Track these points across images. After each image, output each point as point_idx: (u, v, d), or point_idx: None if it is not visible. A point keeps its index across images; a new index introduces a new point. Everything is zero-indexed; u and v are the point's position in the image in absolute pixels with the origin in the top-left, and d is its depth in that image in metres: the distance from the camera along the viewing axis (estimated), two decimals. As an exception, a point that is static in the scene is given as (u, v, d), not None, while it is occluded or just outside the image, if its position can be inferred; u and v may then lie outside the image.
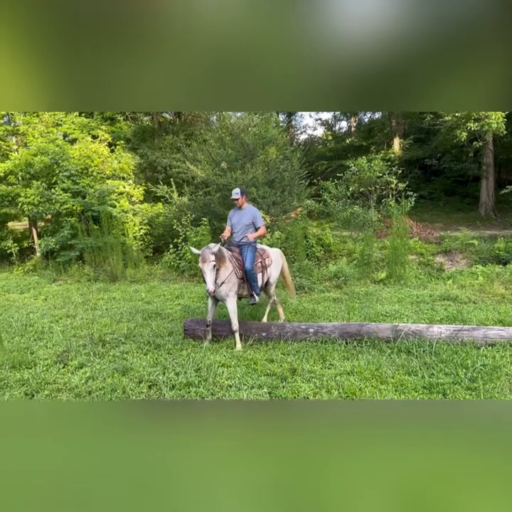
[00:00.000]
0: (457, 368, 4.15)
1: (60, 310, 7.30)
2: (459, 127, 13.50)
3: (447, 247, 10.27)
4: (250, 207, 5.77)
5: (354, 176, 11.55)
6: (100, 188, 11.41)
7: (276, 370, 4.39)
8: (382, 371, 4.23)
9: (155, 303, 7.58)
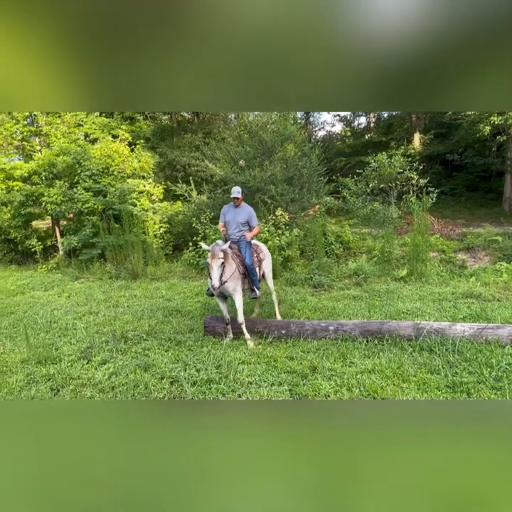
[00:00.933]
0: (481, 366, 4.08)
1: (83, 307, 7.44)
2: (481, 121, 13.19)
3: (470, 243, 10.06)
4: (246, 206, 5.86)
5: (374, 173, 11.41)
6: (121, 187, 11.57)
7: (296, 368, 4.39)
8: (404, 369, 4.18)
9: (175, 300, 7.66)
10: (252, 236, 5.71)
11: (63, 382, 4.38)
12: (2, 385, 4.36)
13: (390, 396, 3.71)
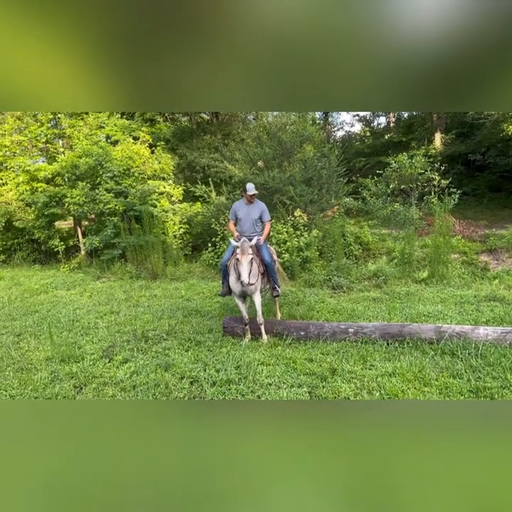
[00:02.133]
0: (506, 371, 4.00)
1: (104, 306, 7.57)
2: (505, 121, 12.91)
3: (492, 245, 9.86)
4: (258, 201, 5.80)
5: (394, 173, 11.28)
6: (141, 189, 11.73)
7: (315, 370, 4.38)
8: (426, 373, 4.13)
9: (194, 300, 7.73)
10: (266, 237, 5.69)
11: (86, 380, 4.47)
12: (27, 382, 4.48)
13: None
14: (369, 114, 30.01)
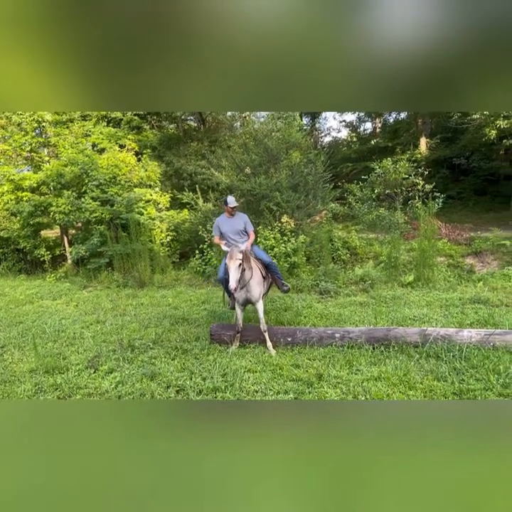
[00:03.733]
0: (489, 373, 4.04)
1: (90, 316, 7.50)
2: (487, 125, 13.15)
3: (477, 248, 9.99)
4: (240, 213, 5.86)
5: (379, 178, 11.41)
6: (128, 196, 11.68)
7: (302, 376, 4.38)
8: (411, 377, 4.16)
9: (182, 308, 7.69)
10: (250, 244, 5.65)
11: (70, 391, 4.41)
12: (11, 394, 4.40)
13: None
14: (355, 119, 30.39)
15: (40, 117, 12.88)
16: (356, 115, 29.77)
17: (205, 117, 18.09)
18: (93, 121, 14.95)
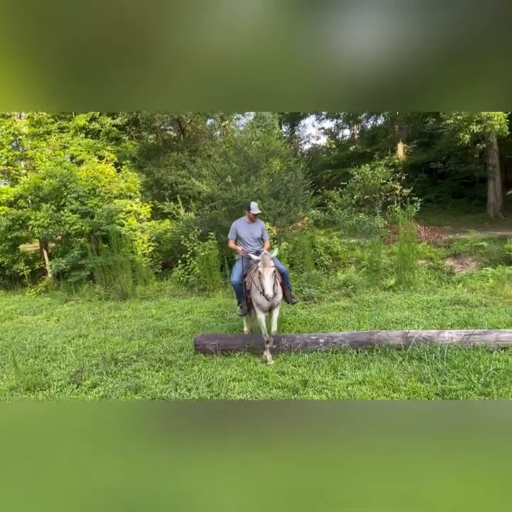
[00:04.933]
0: (470, 373, 4.11)
1: (72, 330, 7.37)
2: (461, 130, 13.49)
3: (456, 250, 10.19)
4: (259, 220, 5.81)
5: (358, 184, 11.58)
6: (108, 208, 11.57)
7: (287, 383, 4.38)
8: (394, 379, 4.20)
9: (165, 319, 7.62)
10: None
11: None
12: (-10, 414, 4.29)
13: (380, 407, 3.71)
14: (334, 127, 30.80)
15: (16, 130, 12.72)
16: (334, 122, 30.19)
17: (185, 127, 18.10)
18: (71, 133, 14.81)
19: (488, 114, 12.02)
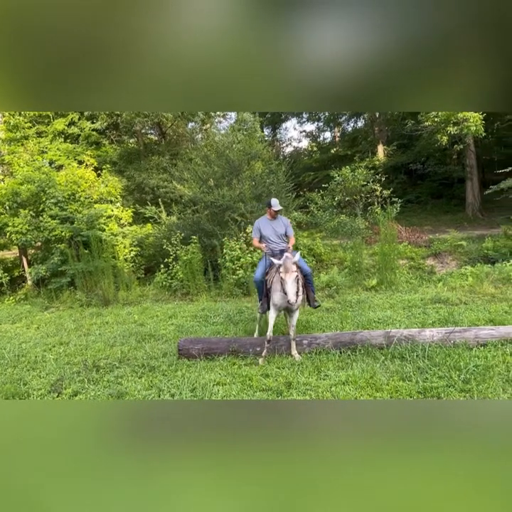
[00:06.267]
0: (450, 370, 4.17)
1: (52, 338, 7.23)
2: (439, 132, 13.74)
3: (437, 249, 10.37)
4: (281, 216, 5.74)
5: (339, 186, 11.68)
6: (88, 213, 11.42)
7: (271, 385, 4.37)
8: (377, 379, 4.23)
9: (148, 324, 7.54)
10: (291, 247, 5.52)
11: (32, 418, 4.22)
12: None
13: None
14: (315, 129, 31.04)
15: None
16: (316, 125, 30.44)
17: (166, 130, 18.01)
18: (49, 138, 14.60)
19: (464, 115, 12.27)
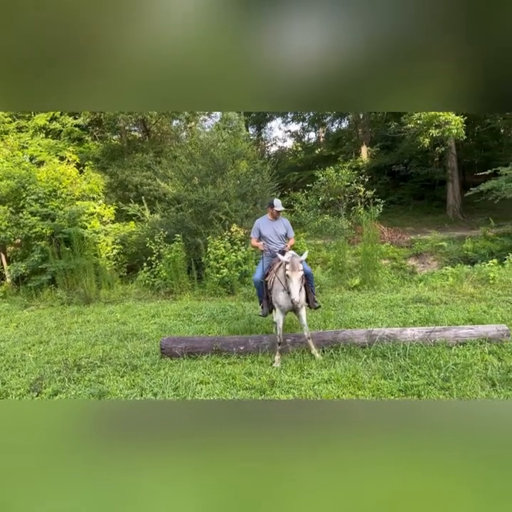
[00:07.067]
0: (431, 368, 4.24)
1: (32, 336, 7.10)
2: (421, 134, 13.96)
3: (418, 250, 10.54)
4: (282, 217, 5.71)
5: (323, 186, 11.77)
6: (70, 210, 11.25)
7: (255, 384, 4.37)
8: (359, 377, 4.27)
9: (130, 323, 7.47)
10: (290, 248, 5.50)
11: (10, 418, 4.14)
12: None
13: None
14: (300, 130, 31.17)
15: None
16: (300, 125, 30.57)
17: (150, 128, 17.86)
18: (30, 133, 14.32)
19: (446, 118, 12.49)
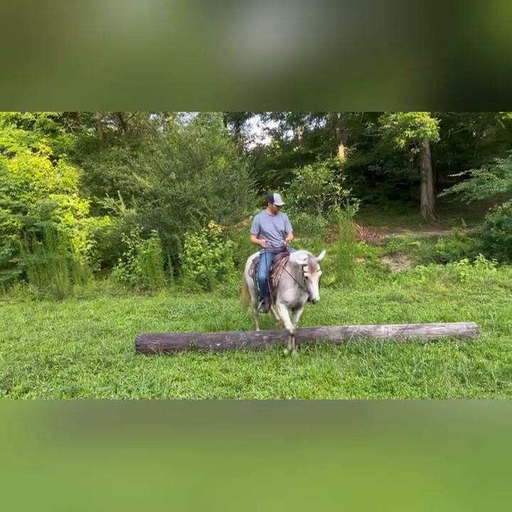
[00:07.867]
0: (403, 365, 4.34)
1: (1, 332, 6.89)
2: (397, 135, 14.20)
3: (392, 249, 10.73)
4: (281, 213, 5.69)
5: (301, 184, 11.84)
6: (43, 203, 10.95)
7: (231, 380, 4.38)
8: (334, 373, 4.33)
9: (105, 319, 7.34)
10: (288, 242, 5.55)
11: (-22, 416, 4.01)
12: None
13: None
14: (278, 127, 31.24)
15: None
16: (279, 123, 30.63)
17: (126, 121, 17.55)
18: (1, 123, 13.86)
19: (421, 120, 12.74)
